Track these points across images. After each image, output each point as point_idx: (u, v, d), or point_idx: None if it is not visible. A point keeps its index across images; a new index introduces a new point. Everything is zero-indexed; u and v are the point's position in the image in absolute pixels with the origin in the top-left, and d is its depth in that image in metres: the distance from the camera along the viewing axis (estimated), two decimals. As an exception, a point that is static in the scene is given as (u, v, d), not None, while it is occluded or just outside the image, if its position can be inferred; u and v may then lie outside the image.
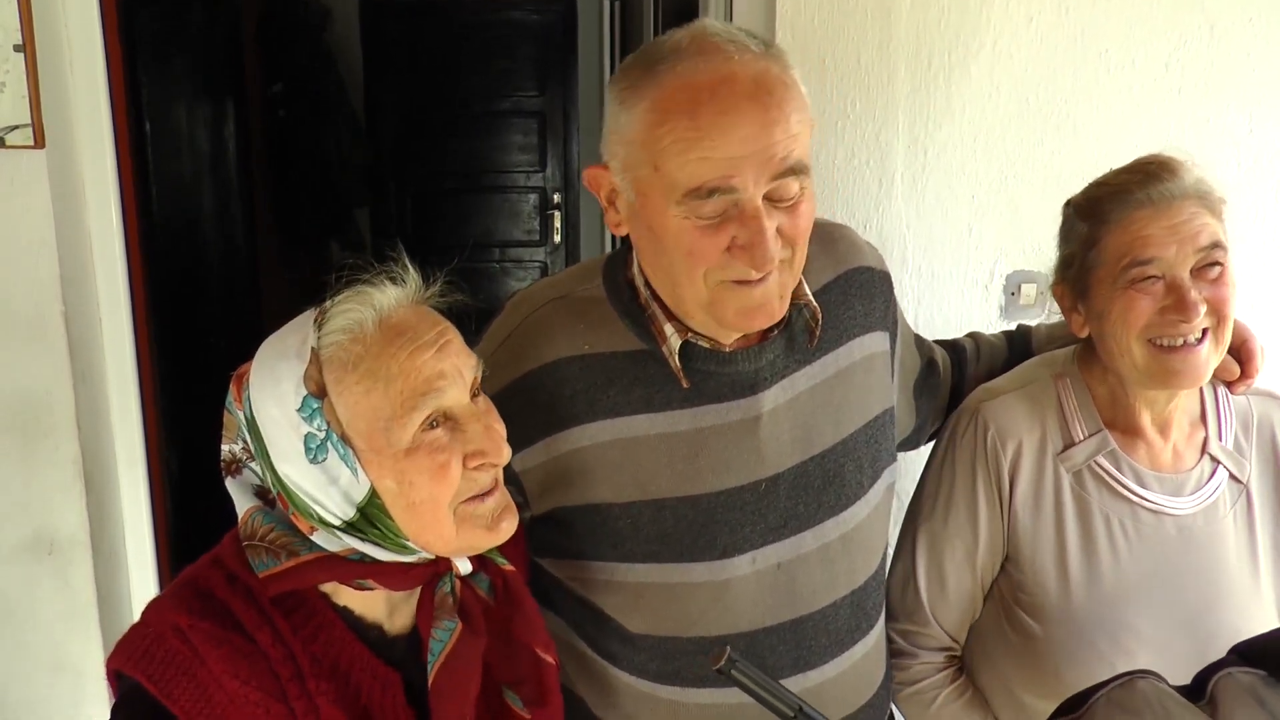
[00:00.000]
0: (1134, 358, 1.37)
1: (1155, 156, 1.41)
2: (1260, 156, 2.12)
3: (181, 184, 3.94)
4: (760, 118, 1.13)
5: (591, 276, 1.34)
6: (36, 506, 2.26)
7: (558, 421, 1.28)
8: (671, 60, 1.16)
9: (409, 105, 5.64)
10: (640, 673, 1.33)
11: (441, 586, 1.10)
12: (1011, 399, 1.48)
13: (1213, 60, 2.09)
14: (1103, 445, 1.44)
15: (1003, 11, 2.06)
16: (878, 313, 1.41)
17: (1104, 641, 1.39)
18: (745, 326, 1.23)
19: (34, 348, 2.19)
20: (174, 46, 3.83)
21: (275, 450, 1.00)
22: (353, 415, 0.99)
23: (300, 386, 0.99)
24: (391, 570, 1.05)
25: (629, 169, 1.19)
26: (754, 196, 1.14)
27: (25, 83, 2.09)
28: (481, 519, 1.05)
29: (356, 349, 0.99)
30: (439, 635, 1.08)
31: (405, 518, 1.02)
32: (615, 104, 1.20)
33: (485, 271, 5.79)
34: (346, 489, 1.00)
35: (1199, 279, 1.35)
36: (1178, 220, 1.34)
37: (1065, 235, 1.48)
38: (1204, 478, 1.45)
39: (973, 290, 2.18)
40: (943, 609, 1.51)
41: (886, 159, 2.10)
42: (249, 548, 1.04)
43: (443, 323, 1.05)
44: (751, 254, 1.15)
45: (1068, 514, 1.44)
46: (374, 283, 1.04)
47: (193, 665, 0.99)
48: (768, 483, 1.30)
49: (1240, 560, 1.43)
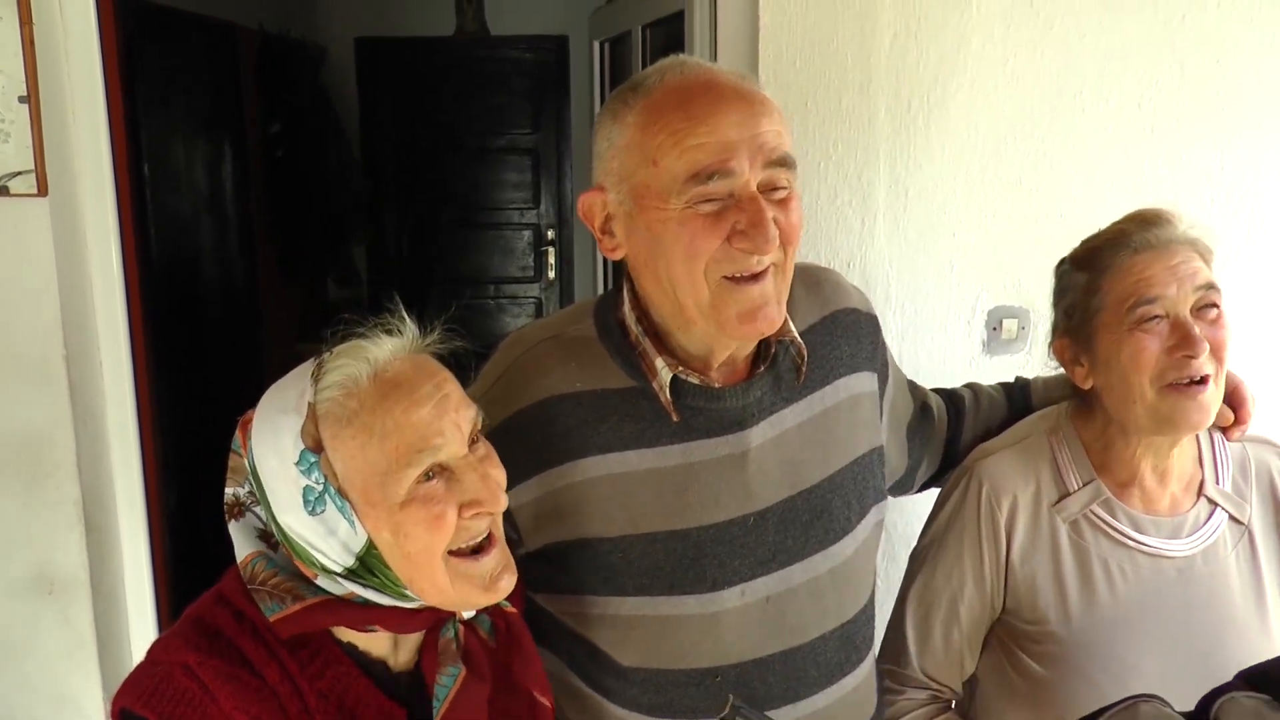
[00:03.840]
0: (1147, 402, 1.39)
1: (1147, 208, 1.45)
2: (1231, 193, 2.16)
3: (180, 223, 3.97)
4: (748, 109, 1.19)
5: (583, 317, 1.36)
6: (38, 546, 2.28)
7: (551, 458, 1.30)
8: (656, 78, 1.23)
9: (404, 143, 5.69)
10: (633, 706, 1.34)
11: (445, 632, 1.11)
12: (1006, 456, 1.51)
13: (1184, 100, 2.13)
14: (1097, 494, 1.46)
15: (979, 54, 2.11)
16: (864, 353, 1.43)
17: (1109, 684, 1.41)
18: (747, 333, 1.24)
19: (36, 390, 2.22)
20: (173, 88, 3.87)
21: (276, 501, 1.02)
22: (348, 469, 1.00)
23: (298, 440, 1.00)
24: (396, 615, 1.06)
25: (625, 177, 1.22)
26: (750, 181, 1.18)
27: (30, 132, 2.13)
28: (479, 579, 1.06)
29: (351, 404, 1.00)
30: (443, 681, 1.08)
31: (402, 567, 1.03)
32: (607, 123, 1.25)
33: (480, 308, 5.82)
34: (345, 540, 1.01)
35: (1198, 319, 1.37)
36: (1175, 261, 1.38)
37: (1062, 290, 1.50)
38: (1201, 519, 1.46)
39: (955, 326, 2.21)
40: (928, 657, 1.54)
41: (869, 199, 2.14)
42: (253, 591, 1.04)
43: (440, 373, 1.06)
44: (753, 236, 1.17)
45: (1066, 562, 1.46)
46: (369, 335, 1.04)
47: (203, 702, 1.00)
48: (756, 517, 1.31)
49: (1246, 600, 1.45)
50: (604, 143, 1.25)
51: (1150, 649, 1.42)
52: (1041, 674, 1.46)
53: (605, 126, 1.25)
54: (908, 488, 1.64)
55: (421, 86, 5.63)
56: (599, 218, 1.28)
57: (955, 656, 1.54)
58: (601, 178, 1.26)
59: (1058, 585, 1.46)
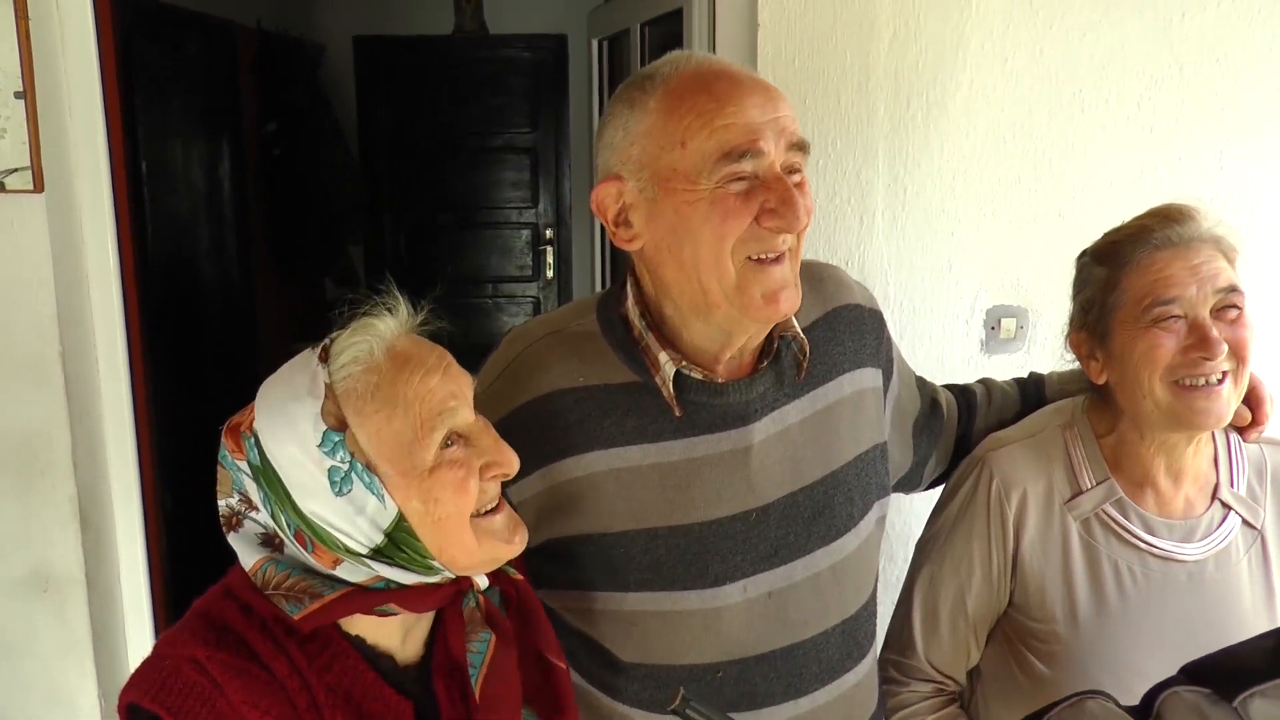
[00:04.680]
0: (1156, 398, 1.37)
1: (1172, 204, 1.43)
2: (1230, 193, 2.17)
3: (178, 222, 3.97)
4: (765, 93, 1.22)
5: (586, 312, 1.37)
6: (33, 543, 2.27)
7: (553, 452, 1.30)
8: (671, 68, 1.24)
9: (403, 141, 5.68)
10: (635, 702, 1.35)
11: (468, 603, 1.13)
12: (1018, 449, 1.50)
13: (1183, 99, 2.14)
14: (1110, 494, 1.45)
15: (978, 53, 2.11)
16: (868, 349, 1.43)
17: (1112, 686, 1.38)
18: (770, 315, 1.24)
19: (32, 388, 2.22)
20: (170, 85, 3.87)
21: (298, 489, 1.01)
22: (376, 442, 1.01)
23: (319, 422, 1.00)
24: (416, 593, 1.07)
25: (647, 164, 1.22)
26: (775, 162, 1.20)
27: (25, 128, 2.12)
28: (499, 533, 1.08)
29: (372, 378, 1.02)
30: (476, 648, 1.10)
31: (432, 535, 1.04)
32: (623, 112, 1.25)
33: (479, 307, 5.83)
34: (374, 516, 1.02)
35: (1218, 320, 1.35)
36: (1197, 261, 1.36)
37: (1081, 283, 1.48)
38: (1214, 523, 1.45)
39: (954, 325, 2.21)
40: (934, 647, 1.53)
41: (867, 197, 2.14)
42: (271, 596, 1.04)
43: (438, 347, 1.08)
44: (783, 214, 1.19)
45: (1076, 561, 1.45)
46: (373, 313, 1.06)
47: (212, 696, 1.00)
48: (758, 512, 1.32)
49: (1256, 606, 1.44)
50: (618, 132, 1.25)
51: (1156, 653, 1.40)
52: (1045, 673, 1.45)
53: (620, 116, 1.25)
54: (915, 484, 1.64)
55: (420, 85, 5.63)
56: (613, 209, 1.27)
57: (962, 648, 1.53)
58: (617, 167, 1.26)
59: (1066, 585, 1.45)
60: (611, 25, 3.56)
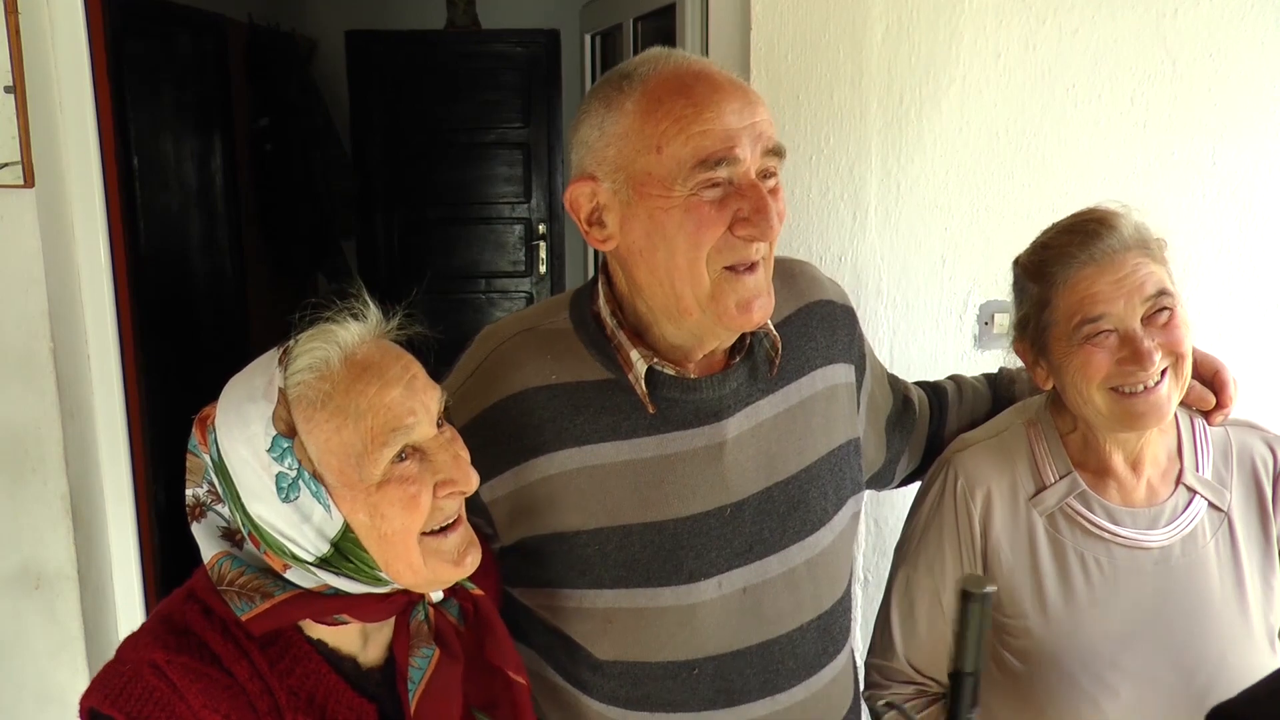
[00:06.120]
0: (1097, 406, 1.40)
1: (1092, 212, 1.44)
2: (1223, 188, 2.17)
3: (169, 218, 3.96)
4: (743, 97, 1.21)
5: (558, 310, 1.36)
6: (25, 541, 2.27)
7: (526, 450, 1.30)
8: (648, 67, 1.23)
9: (395, 136, 5.68)
10: (610, 699, 1.34)
11: (416, 615, 1.11)
12: (982, 449, 1.52)
13: (1175, 95, 2.14)
14: (1073, 487, 1.47)
15: (971, 48, 2.10)
16: (840, 345, 1.44)
17: (1086, 678, 1.42)
18: (743, 324, 1.24)
19: (23, 384, 2.21)
20: (161, 80, 3.86)
21: (246, 491, 1.01)
22: (323, 452, 1.00)
23: (270, 427, 0.99)
24: (366, 602, 1.06)
25: (622, 166, 1.22)
26: (750, 168, 1.20)
27: (15, 123, 2.11)
28: (448, 554, 1.07)
29: (324, 387, 1.00)
30: (417, 663, 1.09)
31: (378, 549, 1.03)
32: (598, 111, 1.24)
33: (471, 302, 5.82)
34: (320, 525, 1.01)
35: (1150, 326, 1.37)
36: (1122, 274, 1.37)
37: (1018, 296, 1.50)
38: (1179, 508, 1.46)
39: (947, 320, 2.21)
40: (914, 649, 1.54)
41: (860, 193, 2.14)
42: (223, 592, 1.04)
43: (405, 357, 1.07)
44: (757, 223, 1.18)
45: (1043, 556, 1.46)
46: (336, 320, 1.04)
47: (171, 700, 0.99)
48: (733, 508, 1.32)
49: (1225, 589, 1.45)
50: (594, 131, 1.24)
51: (1128, 642, 1.42)
52: (1020, 669, 1.46)
53: (597, 114, 1.24)
54: (887, 480, 1.64)
55: (413, 80, 5.62)
56: (586, 208, 1.27)
57: (941, 648, 1.53)
58: (592, 167, 1.25)
59: (1035, 580, 1.46)
60: (604, 20, 3.56)
